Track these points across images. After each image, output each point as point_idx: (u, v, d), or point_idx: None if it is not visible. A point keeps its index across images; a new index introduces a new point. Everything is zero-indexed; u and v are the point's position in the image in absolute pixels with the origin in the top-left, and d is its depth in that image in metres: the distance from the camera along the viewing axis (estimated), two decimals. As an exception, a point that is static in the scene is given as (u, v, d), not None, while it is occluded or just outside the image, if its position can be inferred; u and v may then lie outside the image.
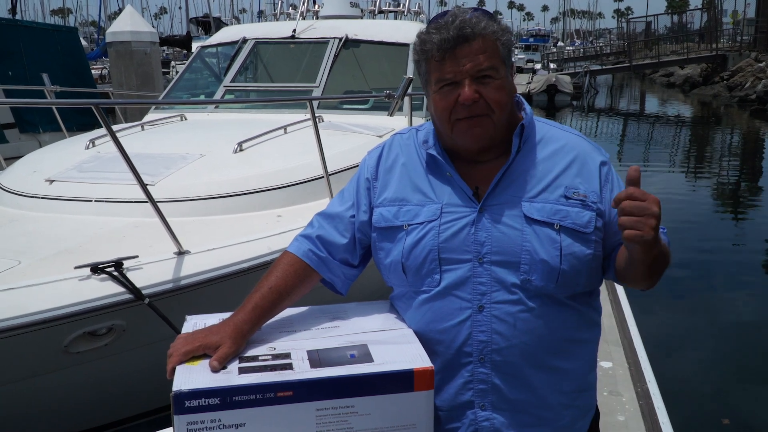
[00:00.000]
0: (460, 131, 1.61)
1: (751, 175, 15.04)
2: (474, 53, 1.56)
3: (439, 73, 1.59)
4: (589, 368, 1.73)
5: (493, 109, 1.59)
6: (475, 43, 1.56)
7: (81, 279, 3.11)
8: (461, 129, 1.61)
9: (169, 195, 3.87)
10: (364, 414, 1.46)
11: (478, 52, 1.56)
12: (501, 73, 1.60)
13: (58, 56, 11.78)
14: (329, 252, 1.77)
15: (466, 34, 1.55)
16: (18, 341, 2.96)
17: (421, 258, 1.62)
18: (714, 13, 41.42)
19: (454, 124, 1.61)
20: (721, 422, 4.61)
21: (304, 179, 4.36)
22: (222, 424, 1.41)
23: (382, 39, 6.51)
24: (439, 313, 1.62)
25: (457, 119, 1.60)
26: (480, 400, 1.62)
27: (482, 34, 1.56)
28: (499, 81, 1.59)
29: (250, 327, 1.62)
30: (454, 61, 1.57)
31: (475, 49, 1.56)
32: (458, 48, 1.56)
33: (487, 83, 1.58)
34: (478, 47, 1.56)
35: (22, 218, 3.93)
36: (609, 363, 4.04)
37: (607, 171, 1.68)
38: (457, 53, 1.56)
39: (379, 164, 1.77)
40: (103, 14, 38.12)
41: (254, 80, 6.74)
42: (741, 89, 30.41)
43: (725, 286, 7.40)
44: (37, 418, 3.43)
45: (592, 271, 1.64)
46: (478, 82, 1.57)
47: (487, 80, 1.57)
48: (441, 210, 1.63)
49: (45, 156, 4.98)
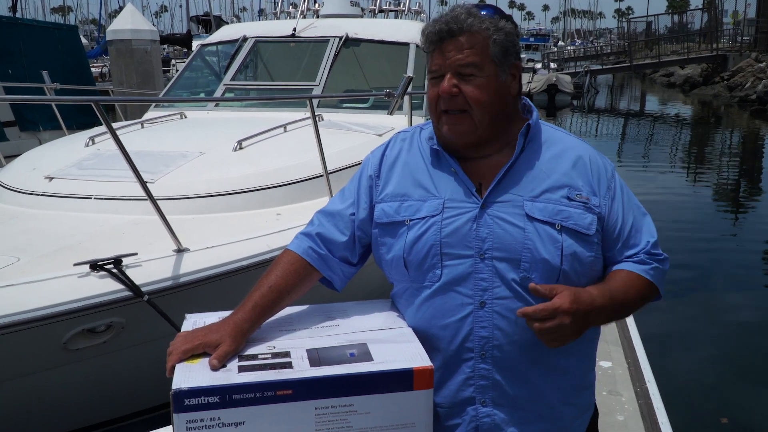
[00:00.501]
0: (442, 124, 1.65)
1: (751, 175, 15.03)
2: (459, 48, 1.58)
3: (429, 64, 1.64)
4: (588, 367, 1.73)
5: (471, 106, 1.60)
6: (461, 38, 1.58)
7: (80, 276, 3.10)
8: (443, 122, 1.64)
9: (168, 193, 3.86)
10: (363, 413, 1.46)
11: (463, 47, 1.58)
12: (487, 71, 1.60)
13: (58, 54, 11.78)
14: (329, 249, 1.77)
15: (452, 28, 1.58)
16: (17, 338, 2.96)
17: (423, 253, 1.62)
18: (714, 13, 41.44)
19: (439, 117, 1.65)
20: (720, 422, 4.61)
21: (304, 177, 4.36)
22: (221, 423, 1.41)
23: (383, 38, 6.52)
24: (441, 309, 1.62)
25: (442, 111, 1.63)
26: (481, 396, 1.62)
27: (469, 30, 1.58)
28: (483, 79, 1.60)
29: (250, 325, 1.61)
30: (440, 53, 1.61)
31: (461, 43, 1.58)
32: (444, 42, 1.60)
33: (468, 80, 1.59)
34: (464, 42, 1.58)
35: (22, 215, 3.92)
36: (608, 363, 4.04)
37: (611, 178, 1.68)
38: (443, 47, 1.60)
39: (382, 162, 1.77)
40: (103, 12, 38.17)
41: (254, 79, 6.73)
42: (741, 89, 30.42)
43: (725, 286, 7.40)
44: (35, 416, 3.43)
45: (593, 273, 1.64)
46: (460, 77, 1.59)
47: (469, 77, 1.59)
48: (443, 205, 1.63)
49: (44, 153, 4.97)
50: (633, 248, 1.68)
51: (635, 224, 1.70)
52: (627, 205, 1.69)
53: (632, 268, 1.66)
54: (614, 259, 1.69)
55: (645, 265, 1.67)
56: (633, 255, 1.68)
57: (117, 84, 12.35)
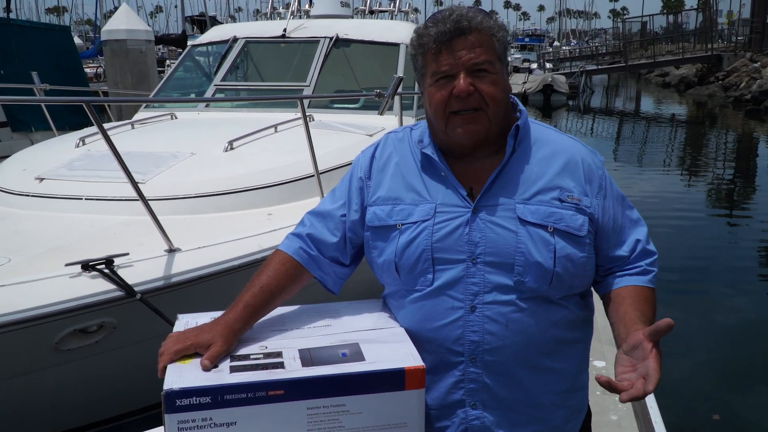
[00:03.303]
0: (454, 126, 1.60)
1: (746, 175, 15.07)
2: (470, 46, 1.56)
3: (435, 65, 1.59)
4: (581, 369, 1.73)
5: (487, 103, 1.58)
6: (471, 36, 1.56)
7: (72, 276, 3.09)
8: (455, 123, 1.60)
9: (159, 193, 3.85)
10: (355, 413, 1.46)
11: (475, 45, 1.56)
12: (497, 68, 1.59)
13: (50, 55, 11.74)
14: (319, 250, 1.76)
15: (463, 27, 1.55)
16: (8, 338, 2.95)
17: (415, 257, 1.61)
18: (709, 13, 41.55)
19: (448, 118, 1.60)
20: (712, 419, 4.62)
21: (295, 178, 4.36)
22: (213, 423, 1.40)
23: (373, 39, 6.53)
24: (432, 312, 1.61)
25: (451, 113, 1.59)
26: (471, 399, 1.62)
27: (478, 28, 1.57)
28: (495, 76, 1.59)
29: (242, 326, 1.61)
30: (450, 53, 1.56)
31: (471, 42, 1.56)
32: (455, 40, 1.56)
33: (482, 77, 1.57)
34: (474, 41, 1.56)
35: (12, 216, 3.91)
36: (602, 362, 4.04)
37: (601, 176, 1.68)
38: (453, 45, 1.56)
39: (372, 163, 1.76)
40: (98, 13, 38.06)
41: (245, 79, 6.73)
42: (736, 89, 30.51)
43: (718, 286, 7.41)
44: (27, 416, 3.42)
45: (585, 273, 1.64)
46: (473, 75, 1.57)
47: (482, 74, 1.57)
48: (435, 210, 1.62)
49: (35, 154, 4.96)
50: (627, 247, 1.69)
51: (626, 221, 1.70)
52: (616, 201, 1.69)
53: (639, 282, 1.67)
54: (608, 255, 1.68)
55: (647, 275, 1.69)
56: (630, 260, 1.69)
57: (112, 84, 12.33)
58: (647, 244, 1.72)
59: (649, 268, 1.70)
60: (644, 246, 1.71)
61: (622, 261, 1.69)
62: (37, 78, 6.92)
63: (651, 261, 1.71)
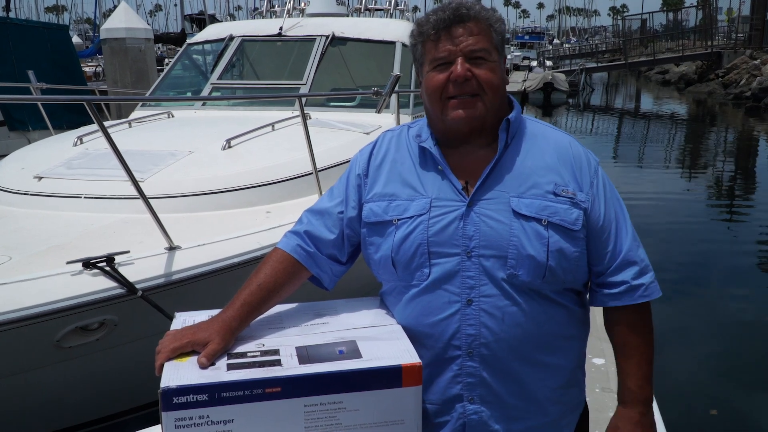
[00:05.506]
0: (450, 110, 1.62)
1: (746, 173, 15.06)
2: (468, 33, 1.59)
3: (434, 51, 1.62)
4: (577, 364, 1.73)
5: (485, 90, 1.60)
6: (470, 23, 1.59)
7: (73, 274, 3.10)
8: (452, 107, 1.61)
9: (158, 191, 3.85)
10: (352, 410, 1.46)
11: (473, 33, 1.59)
12: (494, 57, 1.62)
13: (48, 54, 11.73)
14: (317, 247, 1.76)
15: (462, 14, 1.59)
16: (10, 336, 2.96)
17: (411, 252, 1.62)
18: (709, 10, 41.45)
19: (444, 104, 1.62)
20: (711, 417, 4.63)
21: (293, 176, 4.37)
22: (210, 421, 1.40)
23: (369, 37, 6.53)
24: (429, 306, 1.62)
25: (448, 98, 1.61)
26: (468, 394, 1.63)
27: (477, 17, 1.60)
28: (492, 64, 1.61)
29: (239, 323, 1.61)
30: (449, 39, 1.60)
31: (470, 29, 1.59)
32: (453, 27, 1.59)
33: (480, 64, 1.60)
34: (472, 28, 1.59)
35: (12, 215, 3.92)
36: (601, 360, 4.04)
37: (596, 172, 1.68)
38: (452, 32, 1.59)
39: (370, 161, 1.77)
40: (98, 11, 38.00)
41: (241, 77, 6.72)
42: (736, 86, 30.46)
43: (718, 285, 7.41)
44: (28, 413, 3.43)
45: (579, 268, 1.64)
46: (471, 62, 1.59)
47: (480, 61, 1.60)
48: (430, 204, 1.63)
49: (33, 153, 4.96)
50: (613, 251, 1.65)
51: (618, 225, 1.67)
52: (610, 201, 1.67)
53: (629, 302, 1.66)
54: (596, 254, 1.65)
55: (636, 291, 1.66)
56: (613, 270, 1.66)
57: (111, 83, 12.32)
58: (635, 251, 1.67)
59: (634, 283, 1.65)
60: (630, 255, 1.66)
61: (607, 266, 1.66)
62: (33, 76, 6.91)
63: (636, 273, 1.66)
